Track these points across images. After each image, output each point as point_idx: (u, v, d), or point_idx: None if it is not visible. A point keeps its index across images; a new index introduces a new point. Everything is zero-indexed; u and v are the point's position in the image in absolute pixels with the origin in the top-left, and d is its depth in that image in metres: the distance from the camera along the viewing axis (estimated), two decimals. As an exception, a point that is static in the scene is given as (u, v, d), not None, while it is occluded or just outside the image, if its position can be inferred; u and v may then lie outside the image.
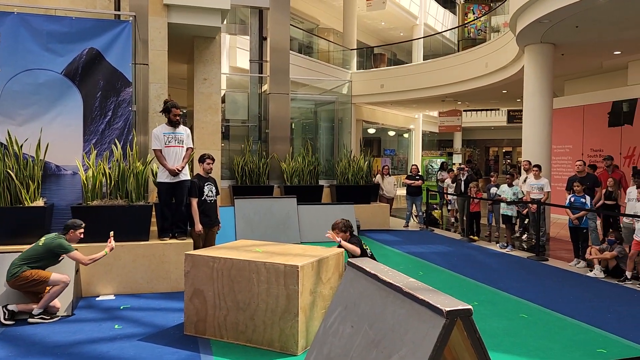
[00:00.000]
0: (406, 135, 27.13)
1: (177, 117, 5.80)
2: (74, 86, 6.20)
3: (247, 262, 4.04)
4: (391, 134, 25.95)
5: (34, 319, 4.56)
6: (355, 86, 18.09)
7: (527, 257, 7.94)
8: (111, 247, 4.85)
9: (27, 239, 5.11)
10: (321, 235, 5.42)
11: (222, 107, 9.85)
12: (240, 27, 12.12)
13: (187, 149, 5.88)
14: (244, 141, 10.55)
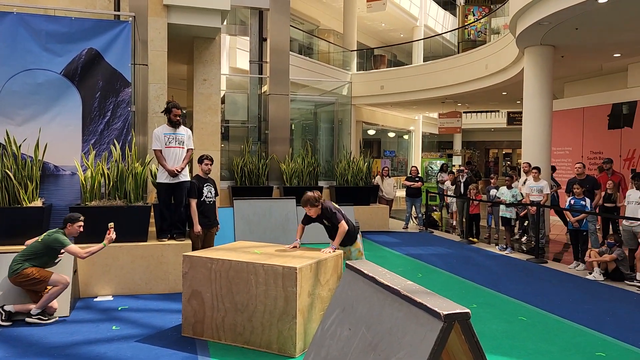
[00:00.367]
0: (406, 136, 27.14)
1: (178, 118, 5.79)
2: (73, 86, 6.19)
3: (246, 263, 4.03)
4: (391, 135, 25.97)
5: (31, 319, 4.55)
6: (355, 87, 18.10)
7: (526, 260, 7.94)
8: (110, 238, 4.78)
9: (25, 240, 5.08)
10: (320, 237, 5.40)
11: (222, 108, 9.85)
12: (240, 28, 12.12)
13: (187, 150, 5.87)
14: (244, 142, 10.54)
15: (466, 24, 20.16)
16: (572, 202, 7.44)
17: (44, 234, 4.70)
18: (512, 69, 12.71)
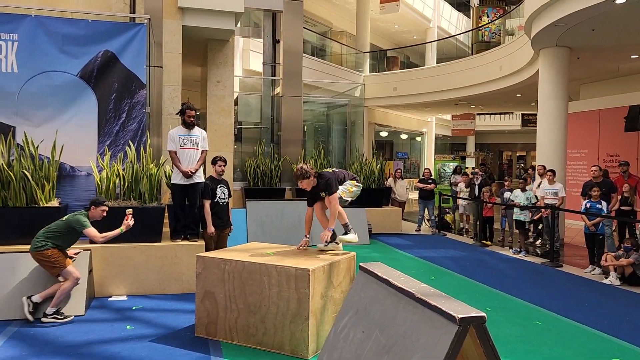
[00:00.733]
0: (419, 138, 27.01)
1: (191, 119, 5.82)
2: (89, 88, 6.27)
3: (259, 264, 4.04)
4: (404, 137, 25.86)
5: (47, 319, 4.61)
6: (367, 89, 18.07)
7: (540, 263, 7.85)
8: (127, 224, 4.89)
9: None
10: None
11: (235, 110, 9.90)
12: (253, 30, 12.18)
13: (201, 152, 5.90)
14: (257, 143, 10.58)
15: (480, 25, 20.03)
16: (588, 205, 7.34)
17: (69, 214, 4.84)
18: (526, 71, 12.59)
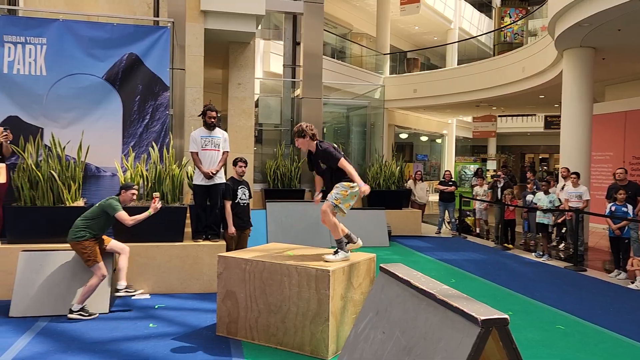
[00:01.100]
0: (439, 140, 26.80)
1: (212, 120, 5.89)
2: (114, 90, 6.40)
3: (279, 265, 4.07)
4: (424, 139, 25.69)
5: (73, 315, 4.71)
6: (387, 91, 18.00)
7: (564, 267, 7.72)
8: (155, 207, 5.09)
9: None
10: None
11: (256, 111, 9.98)
12: (274, 32, 12.28)
13: (223, 153, 5.97)
14: (277, 145, 10.65)
15: (502, 26, 19.80)
16: (613, 208, 7.20)
17: (102, 200, 5.04)
18: (550, 72, 12.41)
